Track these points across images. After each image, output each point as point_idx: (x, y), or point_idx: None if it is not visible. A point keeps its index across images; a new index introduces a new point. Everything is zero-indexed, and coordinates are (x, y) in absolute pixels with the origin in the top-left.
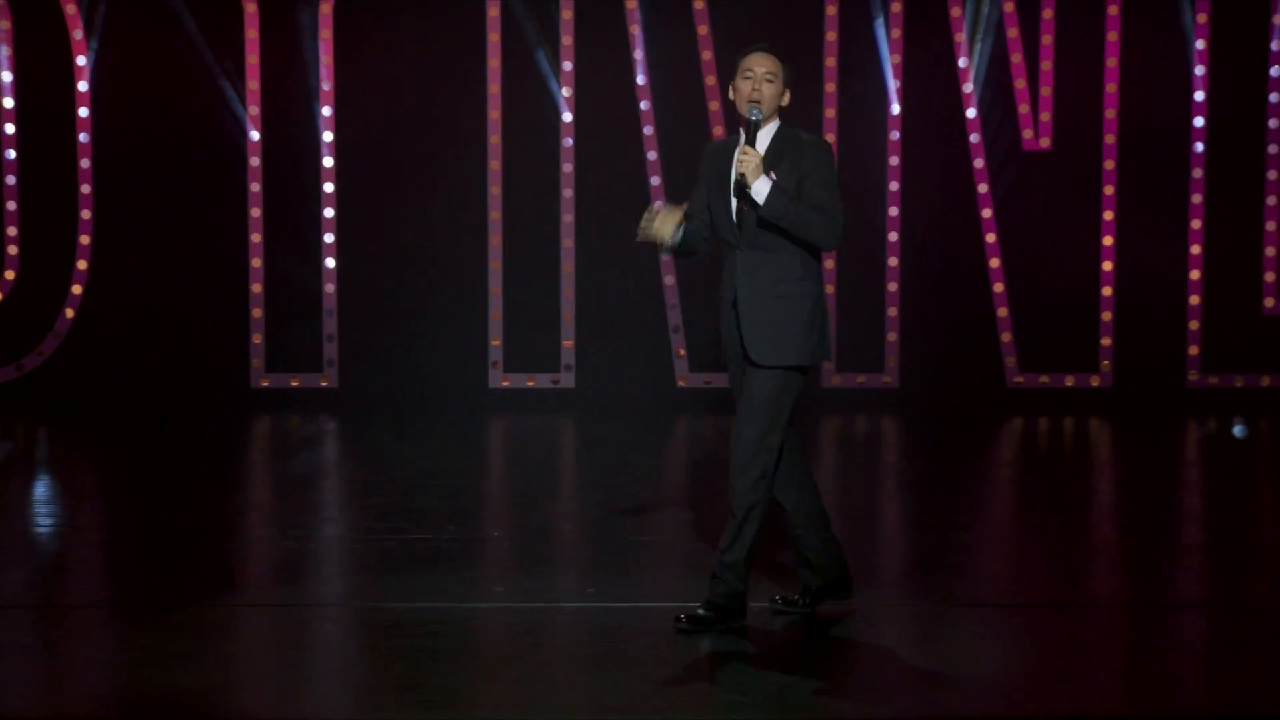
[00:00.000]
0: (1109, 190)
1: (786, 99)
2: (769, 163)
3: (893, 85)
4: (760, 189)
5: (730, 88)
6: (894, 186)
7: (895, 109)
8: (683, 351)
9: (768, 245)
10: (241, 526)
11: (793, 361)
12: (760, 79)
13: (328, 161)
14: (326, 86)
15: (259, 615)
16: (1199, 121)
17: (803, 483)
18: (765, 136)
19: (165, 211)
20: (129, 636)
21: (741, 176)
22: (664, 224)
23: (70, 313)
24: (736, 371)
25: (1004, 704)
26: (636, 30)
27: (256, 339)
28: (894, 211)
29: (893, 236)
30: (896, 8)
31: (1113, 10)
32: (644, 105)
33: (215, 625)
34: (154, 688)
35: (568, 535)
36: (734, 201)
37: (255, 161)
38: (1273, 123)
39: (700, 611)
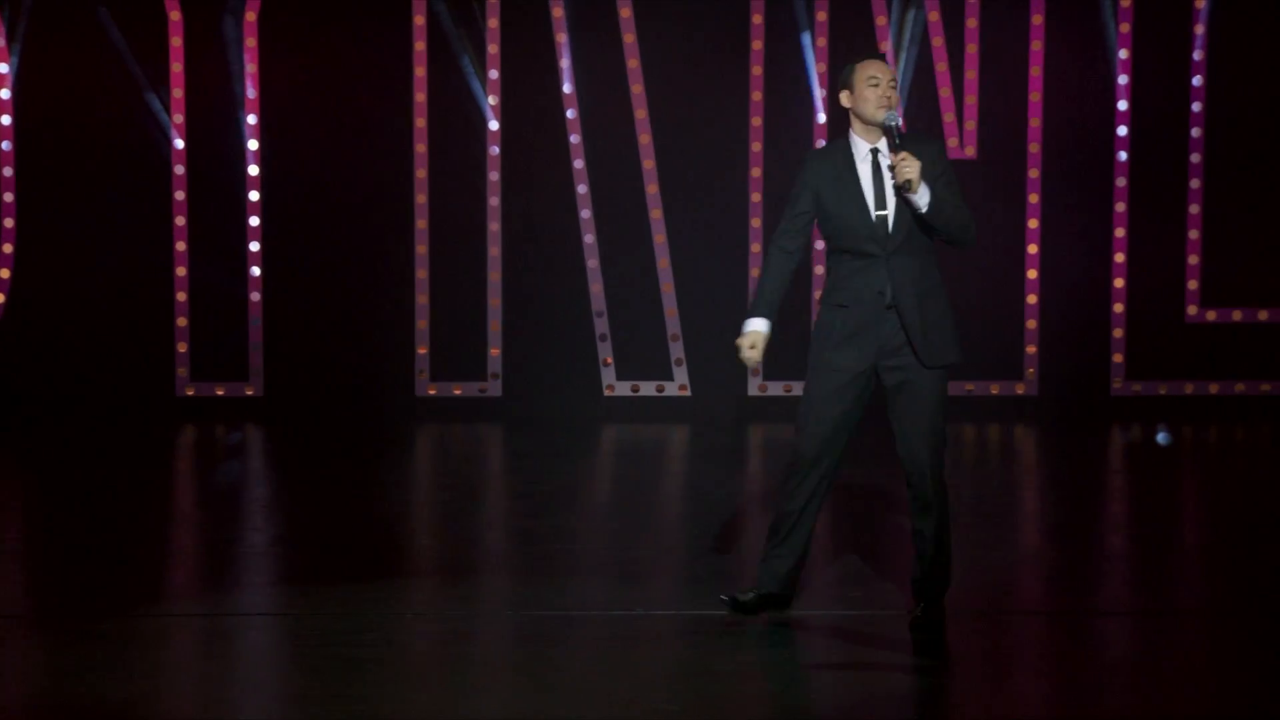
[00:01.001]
0: (1034, 199)
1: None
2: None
3: (819, 94)
4: (925, 195)
5: (844, 95)
6: None
7: (821, 118)
8: (610, 360)
9: (910, 249)
10: (167, 536)
11: (957, 359)
12: (887, 85)
13: (253, 170)
14: (251, 94)
15: (184, 625)
16: (1123, 130)
17: (820, 494)
18: (882, 141)
19: (89, 220)
20: (52, 647)
21: (907, 182)
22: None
23: None
24: (848, 386)
25: (930, 712)
26: (563, 39)
27: (181, 347)
28: None
29: (818, 244)
30: (822, 17)
31: (1037, 20)
32: (570, 114)
33: (140, 636)
34: (78, 699)
35: (494, 544)
36: (890, 208)
37: (180, 170)
38: (1195, 131)
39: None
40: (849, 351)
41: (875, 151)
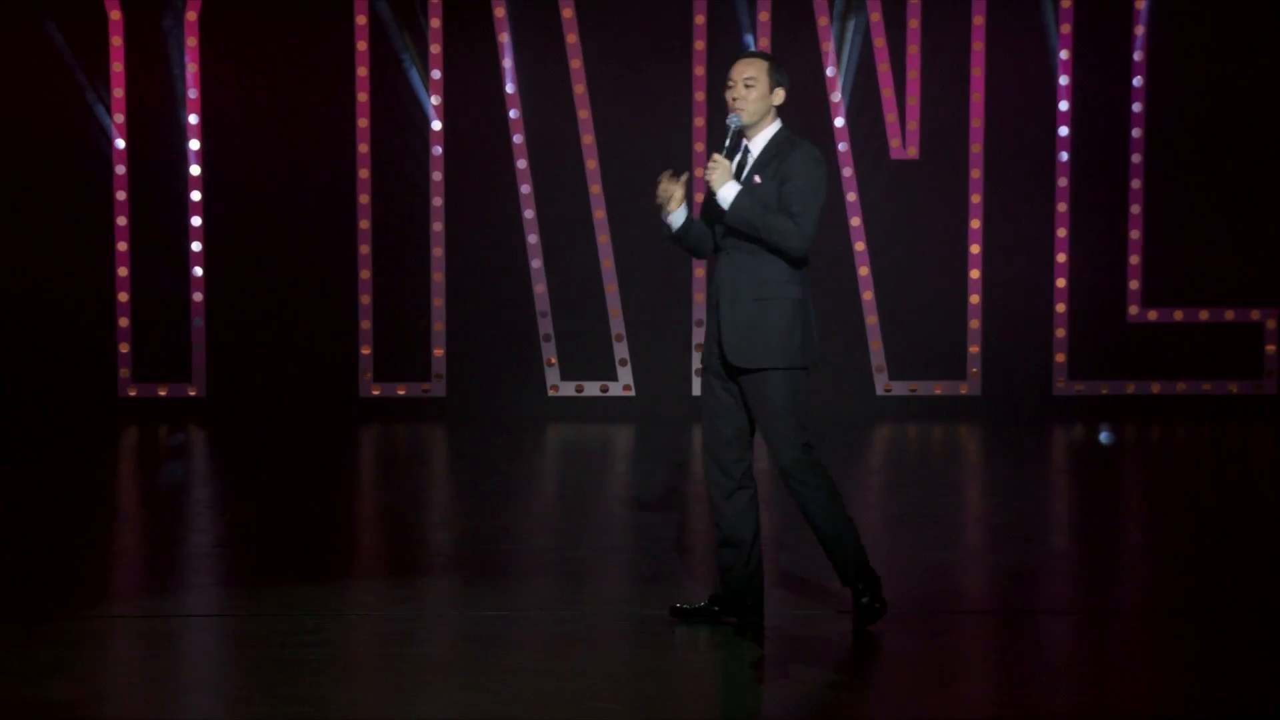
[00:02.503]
0: (976, 199)
1: (780, 97)
2: (757, 167)
3: None
4: (725, 195)
5: None
6: None
7: None
8: (554, 360)
9: (750, 250)
10: (110, 537)
11: (770, 364)
12: (739, 86)
13: (194, 169)
14: (193, 94)
15: (128, 627)
16: (1064, 131)
17: (732, 491)
18: (761, 140)
19: (30, 220)
20: None
21: (709, 183)
22: (671, 188)
23: None
24: (713, 379)
25: (876, 712)
26: (505, 39)
27: (124, 348)
28: None
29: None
30: (764, 17)
31: (978, 21)
32: (513, 114)
33: (84, 637)
34: (22, 701)
35: (439, 544)
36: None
37: (121, 169)
38: (1136, 132)
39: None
40: (706, 346)
41: (745, 151)
